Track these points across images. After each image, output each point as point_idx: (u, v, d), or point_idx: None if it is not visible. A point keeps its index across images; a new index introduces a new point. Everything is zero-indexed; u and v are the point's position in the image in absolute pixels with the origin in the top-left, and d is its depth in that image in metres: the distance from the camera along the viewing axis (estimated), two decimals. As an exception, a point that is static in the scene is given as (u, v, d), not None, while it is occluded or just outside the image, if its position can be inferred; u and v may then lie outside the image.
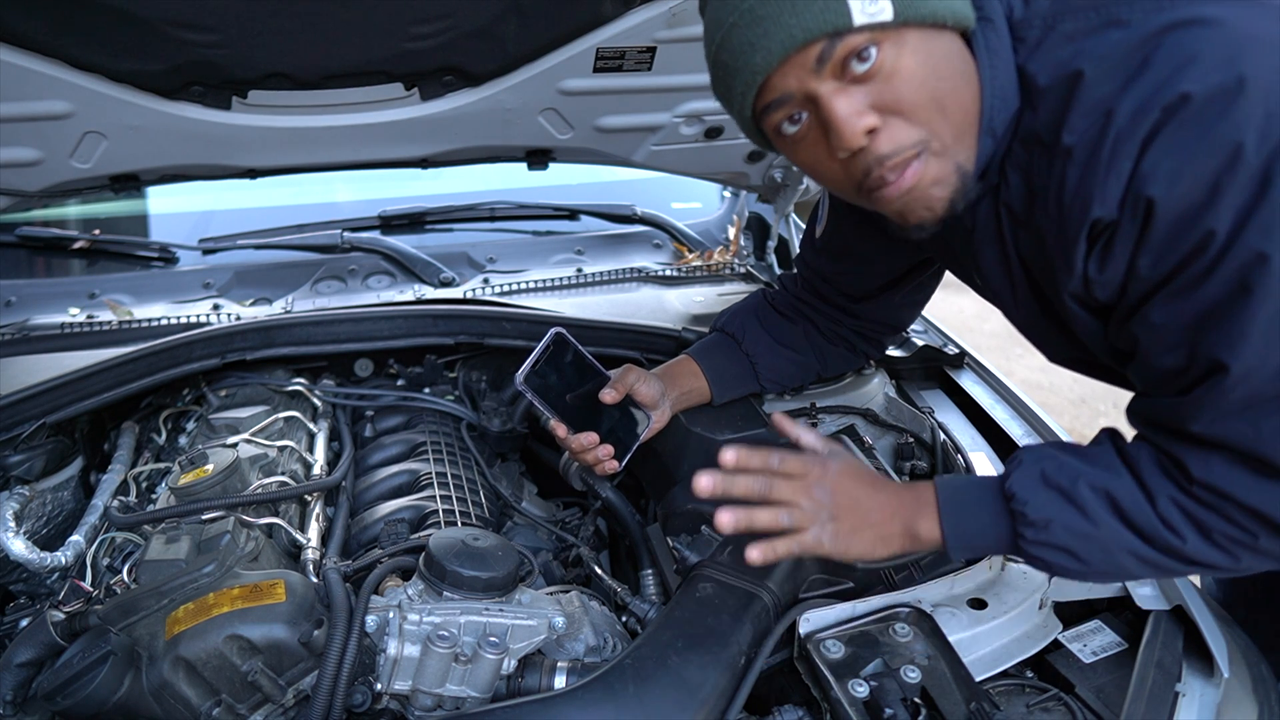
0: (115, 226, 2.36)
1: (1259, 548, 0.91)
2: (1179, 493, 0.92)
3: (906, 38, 0.88)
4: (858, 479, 1.06)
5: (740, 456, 1.05)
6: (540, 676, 1.07)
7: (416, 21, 1.44)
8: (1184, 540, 0.92)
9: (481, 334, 1.78)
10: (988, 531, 1.01)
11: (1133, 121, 0.82)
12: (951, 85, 0.91)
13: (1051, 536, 0.96)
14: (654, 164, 1.96)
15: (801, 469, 1.05)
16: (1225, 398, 0.85)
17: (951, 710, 0.97)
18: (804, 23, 0.86)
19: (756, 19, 0.88)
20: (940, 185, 0.94)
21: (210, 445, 1.47)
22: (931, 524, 1.03)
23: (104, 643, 1.03)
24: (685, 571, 1.19)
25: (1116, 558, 0.96)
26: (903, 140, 0.90)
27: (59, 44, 1.38)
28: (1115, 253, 0.89)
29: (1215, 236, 0.81)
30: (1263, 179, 0.78)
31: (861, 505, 1.04)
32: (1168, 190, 0.81)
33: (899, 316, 1.48)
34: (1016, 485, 0.99)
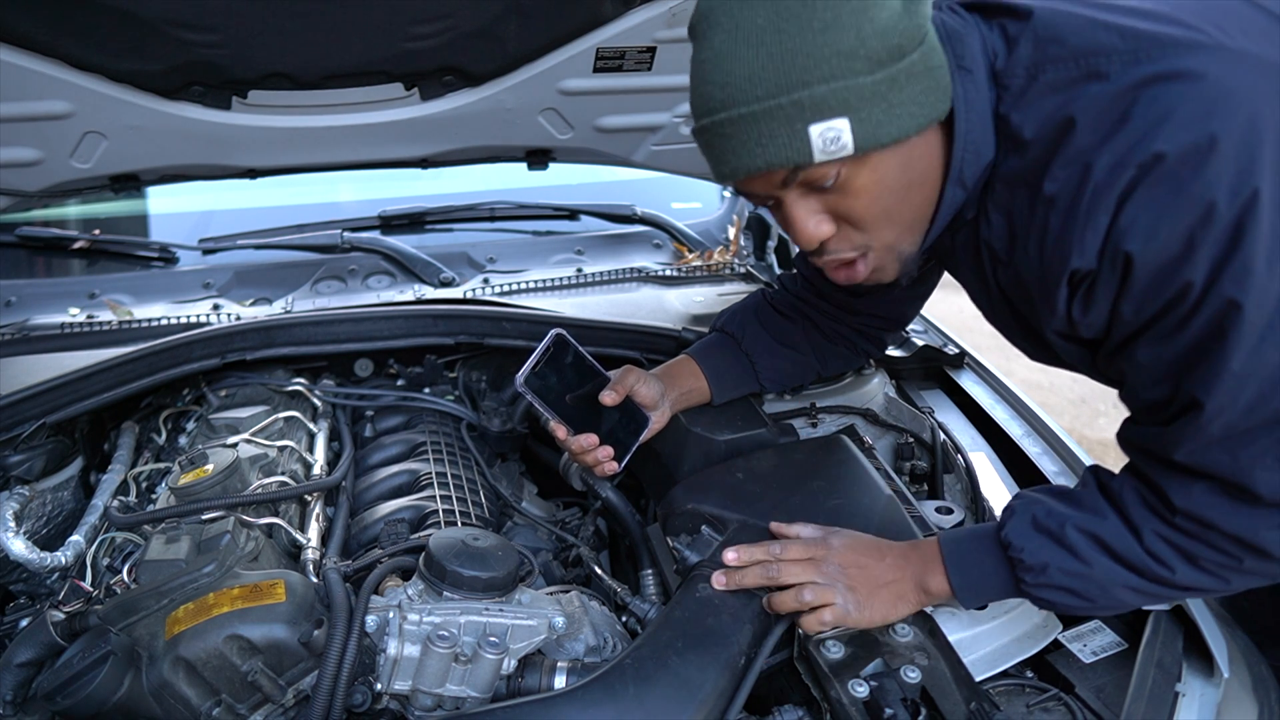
0: (115, 226, 2.36)
1: (1245, 569, 0.95)
2: (1163, 525, 0.96)
3: (868, 158, 0.91)
4: (861, 549, 1.11)
5: (742, 554, 1.12)
6: (540, 676, 1.07)
7: (416, 21, 1.44)
8: (1173, 571, 0.96)
9: (481, 334, 1.78)
10: (991, 579, 1.06)
11: (1110, 176, 0.85)
12: (903, 195, 0.96)
13: (1050, 579, 1.01)
14: (654, 164, 1.96)
15: (805, 552, 1.11)
16: (1202, 432, 0.89)
17: (951, 710, 0.97)
18: (768, 156, 0.90)
19: (725, 136, 0.92)
20: (881, 271, 1.04)
21: (210, 445, 1.47)
22: (940, 579, 1.07)
23: (104, 643, 1.03)
24: (685, 572, 1.19)
25: (1114, 593, 1.00)
26: (849, 245, 1.00)
27: (59, 44, 1.38)
28: (1097, 299, 0.92)
29: (1193, 287, 0.84)
30: (1235, 232, 0.81)
31: (871, 572, 1.09)
32: (1144, 245, 0.85)
33: (900, 311, 1.48)
34: (1011, 534, 1.03)
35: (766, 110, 0.88)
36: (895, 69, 0.88)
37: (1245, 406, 0.86)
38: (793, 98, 0.87)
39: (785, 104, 0.87)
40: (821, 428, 1.57)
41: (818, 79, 0.86)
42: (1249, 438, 0.88)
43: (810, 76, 0.86)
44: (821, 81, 0.86)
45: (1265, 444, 0.87)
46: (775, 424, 1.47)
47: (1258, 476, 0.88)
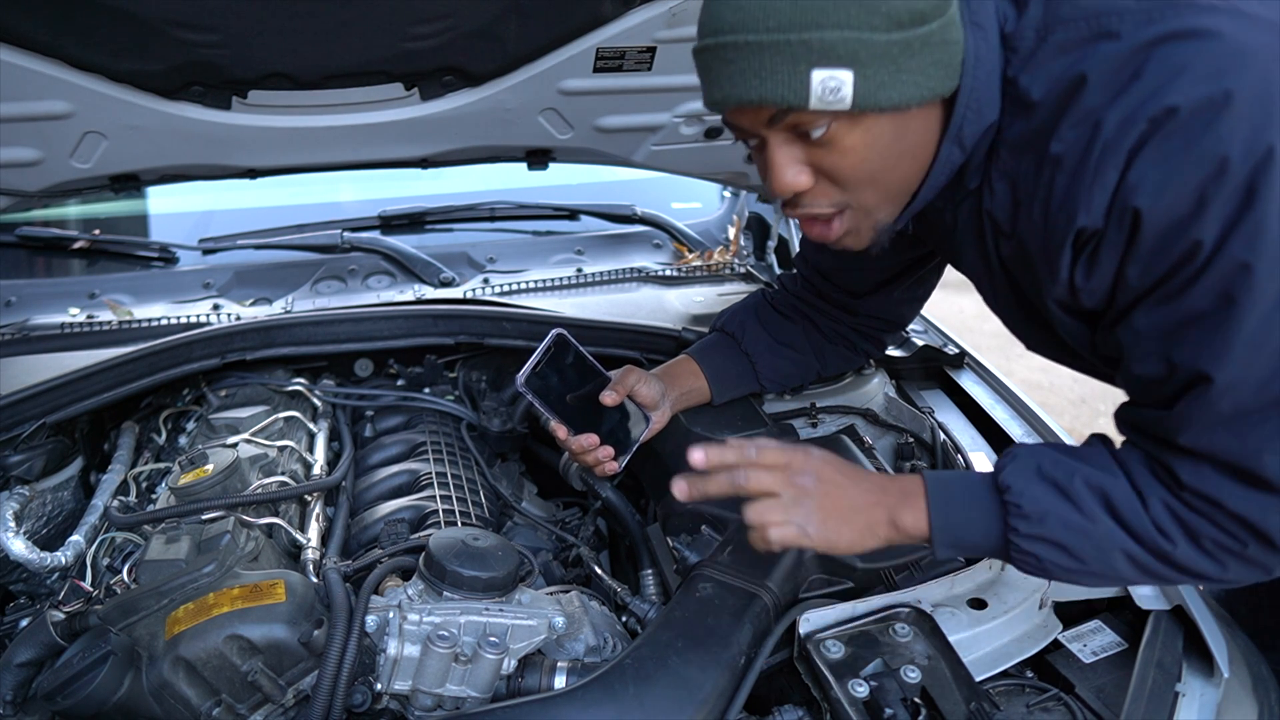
0: (115, 226, 2.36)
1: (1247, 556, 0.90)
2: (1170, 496, 0.92)
3: (862, 119, 0.89)
4: (839, 468, 1.04)
5: (711, 455, 1.01)
6: (540, 676, 1.07)
7: (416, 21, 1.44)
8: (1174, 544, 0.91)
9: (481, 334, 1.78)
10: (976, 525, 0.99)
11: (1119, 132, 0.83)
12: (892, 163, 0.94)
13: (1046, 530, 0.95)
14: (654, 164, 1.96)
15: (782, 458, 1.02)
16: (1210, 410, 0.86)
17: (951, 710, 0.97)
18: (763, 90, 0.88)
19: (725, 60, 0.89)
20: (854, 236, 1.01)
21: (210, 445, 1.47)
22: (918, 515, 1.01)
23: (104, 643, 1.03)
24: (685, 571, 1.19)
25: (1109, 557, 0.94)
26: (826, 201, 0.97)
27: (59, 44, 1.37)
28: (1102, 261, 0.90)
29: (1202, 246, 0.81)
30: (1248, 190, 0.79)
31: (846, 493, 1.02)
32: (1154, 201, 0.82)
33: (900, 313, 1.48)
34: (1011, 478, 0.97)
35: (774, 43, 0.85)
36: (912, 34, 0.86)
37: (1257, 382, 0.83)
38: (802, 36, 0.84)
39: (794, 41, 0.85)
40: (821, 428, 1.57)
41: (832, 24, 0.84)
42: (1258, 419, 0.84)
43: (826, 19, 0.84)
44: (835, 27, 0.84)
45: (1276, 426, 0.84)
46: (775, 424, 1.47)
47: (1267, 461, 0.85)
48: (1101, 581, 1.01)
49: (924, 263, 1.38)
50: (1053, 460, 0.97)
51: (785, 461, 1.02)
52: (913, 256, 1.35)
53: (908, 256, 1.35)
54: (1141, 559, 0.93)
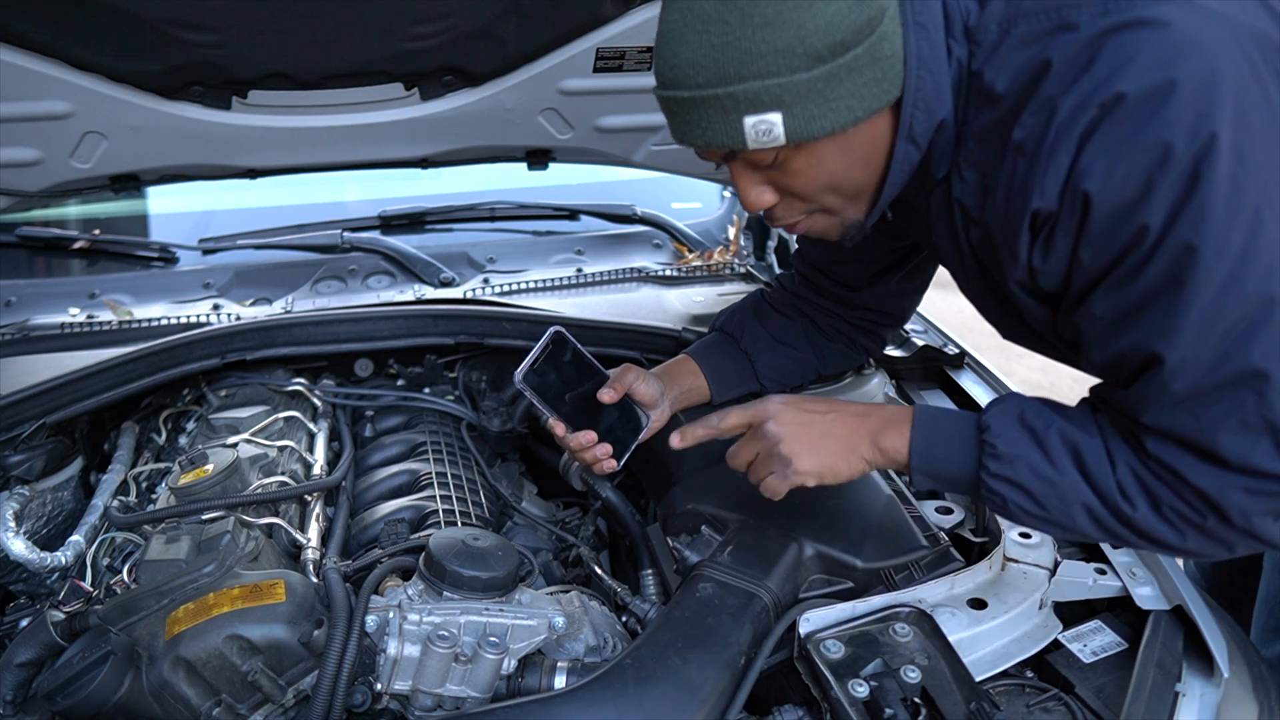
0: (115, 226, 2.36)
1: (1207, 529, 0.93)
2: (1137, 462, 0.95)
3: (804, 145, 0.94)
4: (804, 405, 1.12)
5: (686, 435, 1.18)
6: (540, 676, 1.07)
7: (416, 21, 1.44)
8: (1135, 507, 0.94)
9: (481, 334, 1.78)
10: (953, 457, 1.04)
11: (1072, 117, 0.86)
12: (844, 174, 0.99)
13: (1014, 472, 0.99)
14: (654, 164, 1.96)
15: (742, 415, 1.14)
16: (1165, 391, 0.88)
17: (951, 710, 0.97)
18: (705, 137, 0.95)
19: (671, 111, 0.97)
20: (829, 231, 1.07)
21: (210, 445, 1.47)
22: (899, 440, 1.07)
23: (104, 643, 1.03)
24: (685, 571, 1.19)
25: (1070, 509, 0.98)
26: (793, 212, 1.05)
27: (59, 44, 1.38)
28: (1057, 244, 0.93)
29: (1149, 230, 0.84)
30: (1192, 175, 0.82)
31: (814, 425, 1.09)
32: (1102, 185, 0.85)
33: (898, 305, 1.48)
34: (992, 419, 1.02)
35: (704, 98, 0.91)
36: (836, 64, 0.89)
37: (1208, 362, 0.86)
38: (728, 90, 0.90)
39: (721, 95, 0.90)
40: (821, 428, 1.56)
41: (752, 74, 0.89)
42: (1213, 399, 0.87)
43: (746, 71, 0.89)
44: (756, 78, 0.89)
45: (1229, 406, 0.86)
46: (775, 424, 1.47)
47: (1222, 440, 0.87)
48: (1062, 532, 1.05)
49: (916, 252, 1.38)
50: (1035, 410, 1.02)
51: (748, 419, 1.13)
52: (903, 246, 1.36)
53: (897, 245, 1.36)
54: (1101, 516, 0.97)
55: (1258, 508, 0.90)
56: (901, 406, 1.11)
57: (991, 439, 1.00)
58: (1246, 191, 0.82)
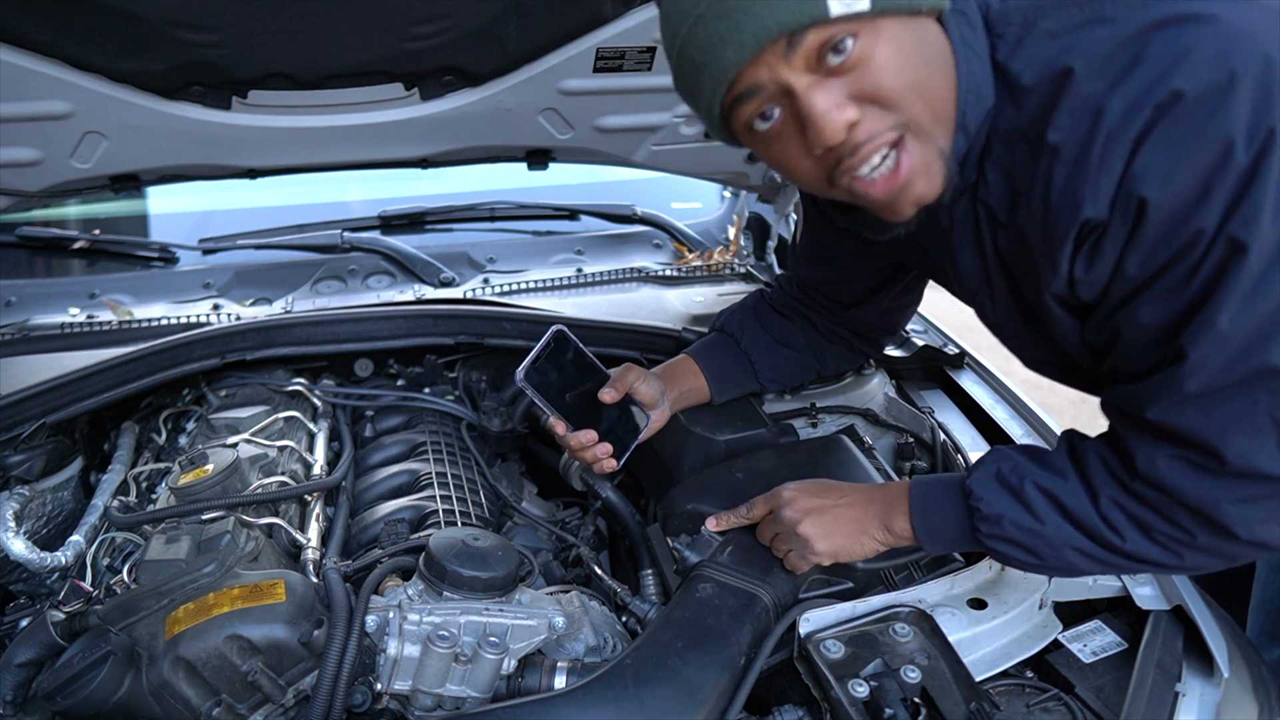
0: (115, 226, 2.36)
1: (1199, 545, 0.93)
2: (1120, 492, 0.95)
3: (882, 26, 0.85)
4: (820, 488, 1.16)
5: (721, 522, 1.22)
6: (540, 676, 1.07)
7: (416, 21, 1.44)
8: (1123, 538, 0.95)
9: (481, 334, 1.78)
10: (950, 525, 1.07)
11: (1124, 120, 0.81)
12: (929, 72, 0.88)
13: (1003, 531, 1.01)
14: (654, 164, 1.96)
15: (763, 504, 1.18)
16: (1179, 386, 0.86)
17: (951, 710, 0.97)
18: (778, 15, 0.82)
19: (726, 10, 0.84)
20: (925, 175, 0.91)
21: (210, 445, 1.47)
22: (904, 520, 1.09)
23: (104, 643, 1.03)
24: (685, 572, 1.19)
25: (1063, 553, 0.99)
26: (880, 126, 0.87)
27: (59, 44, 1.37)
28: (1104, 253, 0.88)
29: (1204, 235, 0.81)
30: (1250, 173, 0.78)
31: (827, 511, 1.12)
32: (1161, 189, 0.81)
33: (890, 320, 1.48)
34: (974, 484, 1.04)
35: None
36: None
37: (1227, 360, 0.83)
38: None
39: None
40: (821, 428, 1.57)
41: None
42: (1226, 396, 0.85)
43: None
44: None
45: (1241, 405, 0.84)
46: (775, 424, 1.47)
47: (1229, 440, 0.85)
48: (1065, 574, 1.08)
49: (907, 272, 1.37)
50: (1011, 465, 1.03)
51: (768, 509, 1.18)
52: (892, 267, 1.36)
53: (886, 266, 1.35)
54: (1094, 552, 0.98)
55: (1259, 515, 0.88)
56: (901, 484, 1.13)
57: (975, 503, 1.03)
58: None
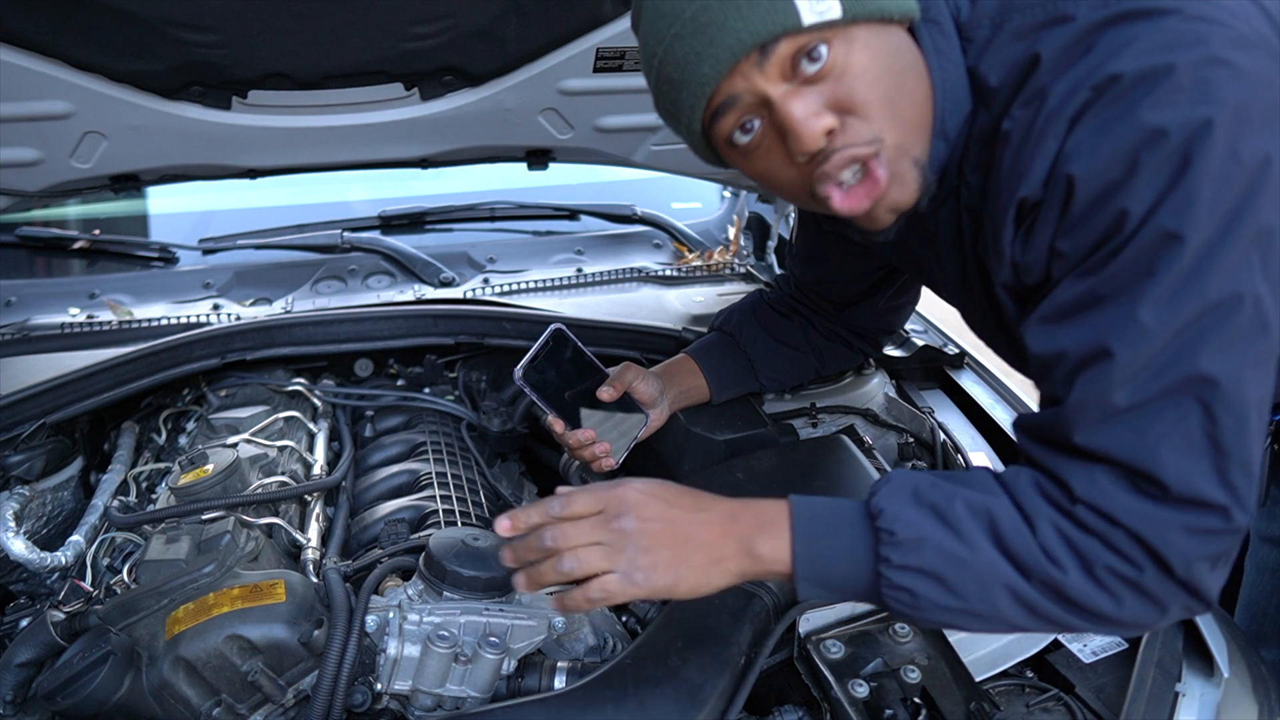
0: (115, 226, 2.36)
1: (1144, 586, 0.82)
2: (1061, 516, 0.84)
3: (855, 34, 0.86)
4: (670, 499, 0.93)
5: (516, 520, 0.93)
6: (540, 676, 1.07)
7: (416, 21, 1.44)
8: (1065, 572, 0.83)
9: (481, 334, 1.78)
10: (844, 555, 0.88)
11: (1063, 101, 0.82)
12: (903, 81, 0.89)
13: (923, 559, 0.85)
14: (654, 164, 1.96)
15: (593, 504, 0.92)
16: (1106, 400, 0.81)
17: (951, 710, 0.97)
18: (751, 26, 0.84)
19: (700, 26, 0.86)
20: (900, 185, 0.91)
21: (210, 445, 1.47)
22: (778, 543, 0.89)
23: (104, 643, 1.03)
24: (685, 571, 1.18)
25: (991, 592, 0.85)
26: (857, 139, 0.88)
27: (59, 44, 1.37)
28: (1037, 234, 0.87)
29: (1129, 216, 0.79)
30: (1182, 160, 0.76)
31: (679, 527, 0.91)
32: (1087, 166, 0.80)
33: (887, 320, 1.49)
34: (884, 501, 0.88)
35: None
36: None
37: (1157, 364, 0.79)
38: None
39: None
40: (821, 428, 1.57)
41: None
42: (1156, 411, 0.79)
43: None
44: None
45: (1173, 418, 0.79)
46: (775, 424, 1.47)
47: (1164, 459, 0.79)
48: (982, 624, 0.90)
49: (900, 273, 1.38)
50: (931, 483, 0.89)
51: (598, 507, 0.91)
52: (885, 269, 1.36)
53: (879, 268, 1.36)
54: (1027, 595, 0.84)
55: (1198, 551, 0.81)
56: (778, 503, 0.92)
57: (887, 524, 0.86)
58: (1232, 185, 0.77)
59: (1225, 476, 0.80)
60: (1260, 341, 0.80)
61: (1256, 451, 0.82)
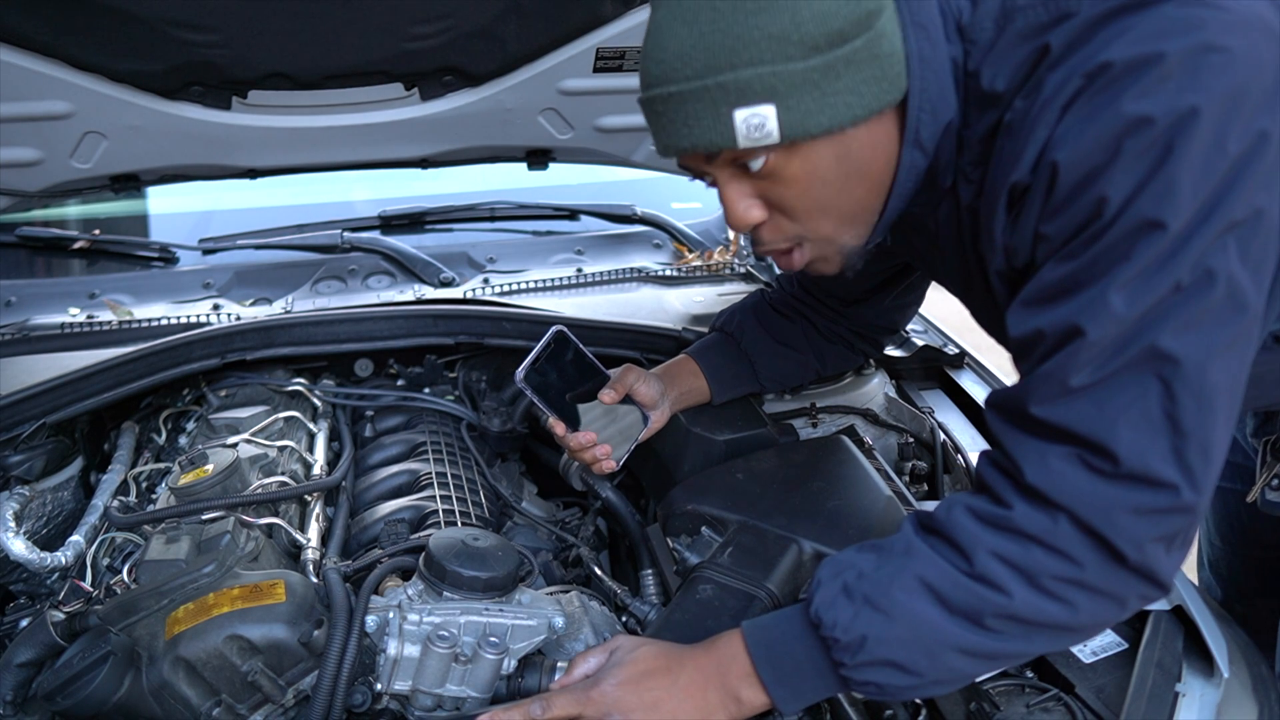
0: (115, 226, 2.36)
1: (1089, 583, 0.83)
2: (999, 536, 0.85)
3: (799, 148, 0.88)
4: (646, 675, 0.95)
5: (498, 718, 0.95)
6: (540, 676, 1.07)
7: (416, 21, 1.44)
8: (1010, 595, 0.84)
9: (481, 334, 1.78)
10: (807, 670, 0.91)
11: (1057, 90, 0.82)
12: (841, 187, 0.92)
13: (871, 654, 0.87)
14: (654, 164, 1.96)
15: (574, 706, 0.95)
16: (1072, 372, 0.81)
17: (951, 710, 0.97)
18: (692, 137, 0.89)
19: (657, 112, 0.91)
20: (824, 262, 1.00)
21: (210, 445, 1.47)
22: (753, 687, 0.93)
23: (104, 643, 1.03)
24: (685, 573, 1.19)
25: (943, 659, 0.87)
26: (781, 236, 0.96)
27: (59, 44, 1.38)
28: (1024, 217, 0.88)
29: (1108, 203, 0.79)
30: (1165, 147, 0.77)
31: (662, 703, 0.94)
32: (1071, 152, 0.81)
33: (891, 319, 1.48)
34: (822, 609, 0.90)
35: (693, 91, 0.86)
36: (832, 55, 0.84)
37: (1121, 341, 0.80)
38: (718, 80, 0.85)
39: (710, 86, 0.85)
40: (821, 428, 1.57)
41: (745, 62, 0.84)
42: (1116, 386, 0.80)
43: (737, 59, 0.84)
44: (748, 65, 0.83)
45: (1133, 394, 0.80)
46: (775, 424, 1.47)
47: (1120, 433, 0.80)
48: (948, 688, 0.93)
49: (909, 272, 1.38)
50: (856, 572, 0.91)
51: (578, 709, 0.94)
52: (899, 265, 1.36)
53: (892, 265, 1.35)
54: (978, 646, 0.86)
55: (1149, 533, 0.81)
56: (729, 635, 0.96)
57: (828, 632, 0.89)
58: (1215, 173, 0.77)
59: (1181, 456, 0.80)
60: (1233, 325, 0.80)
61: (1221, 435, 0.82)
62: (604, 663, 1.00)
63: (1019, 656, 0.91)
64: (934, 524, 0.91)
